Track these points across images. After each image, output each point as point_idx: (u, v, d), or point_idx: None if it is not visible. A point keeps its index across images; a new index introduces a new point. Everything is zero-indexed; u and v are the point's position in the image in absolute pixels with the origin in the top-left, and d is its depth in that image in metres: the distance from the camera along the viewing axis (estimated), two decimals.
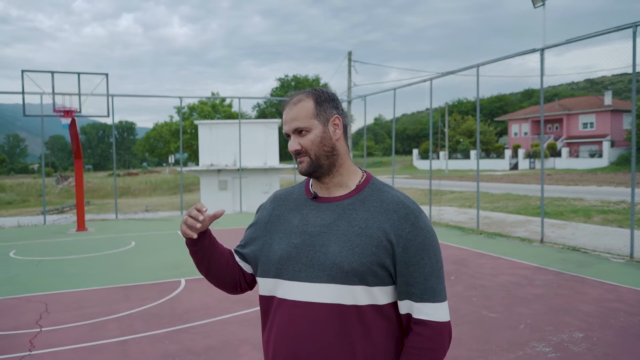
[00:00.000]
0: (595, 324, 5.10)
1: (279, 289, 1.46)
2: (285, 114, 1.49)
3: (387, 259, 1.38)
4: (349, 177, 1.51)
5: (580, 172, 34.71)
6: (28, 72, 12.04)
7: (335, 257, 1.39)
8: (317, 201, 1.51)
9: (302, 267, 1.42)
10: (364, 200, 1.46)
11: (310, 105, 1.46)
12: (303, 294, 1.41)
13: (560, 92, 68.30)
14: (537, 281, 6.93)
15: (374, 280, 1.38)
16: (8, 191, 38.58)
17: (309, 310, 1.40)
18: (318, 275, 1.40)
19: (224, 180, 20.89)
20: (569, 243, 9.85)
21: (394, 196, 1.46)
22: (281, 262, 1.46)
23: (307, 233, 1.45)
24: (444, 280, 1.45)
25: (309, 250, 1.43)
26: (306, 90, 1.52)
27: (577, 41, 9.62)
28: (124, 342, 4.91)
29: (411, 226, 1.40)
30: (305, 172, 1.48)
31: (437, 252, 1.43)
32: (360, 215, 1.43)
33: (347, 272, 1.37)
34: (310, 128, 1.45)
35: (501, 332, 4.94)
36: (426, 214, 1.48)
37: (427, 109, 14.44)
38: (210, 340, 4.90)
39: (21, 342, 4.92)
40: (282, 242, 1.48)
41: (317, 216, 1.47)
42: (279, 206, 1.59)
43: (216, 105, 52.63)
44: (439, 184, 23.59)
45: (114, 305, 6.22)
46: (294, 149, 1.47)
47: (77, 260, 9.37)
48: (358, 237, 1.39)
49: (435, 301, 1.40)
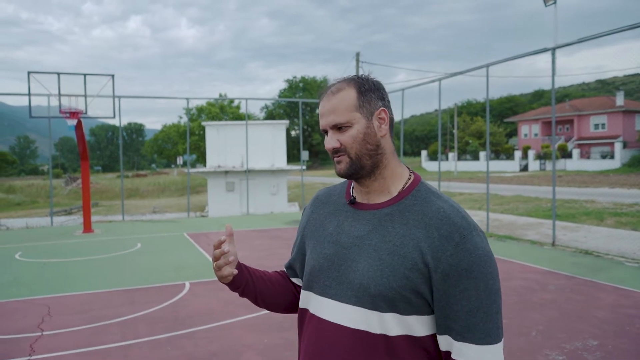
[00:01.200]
0: (610, 331, 4.93)
1: (310, 303, 1.32)
2: (321, 106, 1.28)
3: (422, 285, 1.16)
4: (393, 181, 1.29)
5: (591, 174, 34.35)
6: (34, 73, 12.03)
7: (362, 276, 1.20)
8: (355, 207, 1.31)
9: (332, 282, 1.26)
10: (404, 210, 1.23)
11: (352, 96, 1.24)
12: (331, 313, 1.25)
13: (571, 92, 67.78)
14: (549, 286, 6.76)
15: (408, 308, 1.18)
16: (18, 192, 38.87)
17: (335, 332, 1.24)
18: (346, 295, 1.23)
19: (232, 181, 20.83)
20: (582, 246, 9.65)
21: (439, 208, 1.21)
22: (313, 274, 1.31)
23: (340, 244, 1.27)
24: (498, 318, 1.16)
25: (341, 264, 1.25)
26: (347, 77, 1.30)
27: (588, 41, 9.43)
28: (126, 347, 4.81)
29: (455, 247, 1.15)
30: (344, 173, 1.27)
31: (489, 281, 1.15)
32: (397, 229, 1.21)
33: (374, 295, 1.18)
34: (352, 122, 1.24)
35: (513, 340, 4.78)
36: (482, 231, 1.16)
37: (435, 110, 14.34)
38: (213, 346, 4.79)
39: (21, 347, 4.84)
40: (315, 251, 1.33)
41: (352, 225, 1.28)
42: (318, 208, 1.42)
43: (224, 106, 52.70)
44: (447, 185, 23.38)
45: (117, 308, 6.13)
46: (331, 146, 1.26)
47: (82, 262, 9.31)
48: (390, 256, 1.18)
49: (480, 343, 1.13)
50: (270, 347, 4.73)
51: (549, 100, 10.39)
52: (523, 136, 54.58)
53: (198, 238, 12.01)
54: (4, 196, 36.59)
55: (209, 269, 8.44)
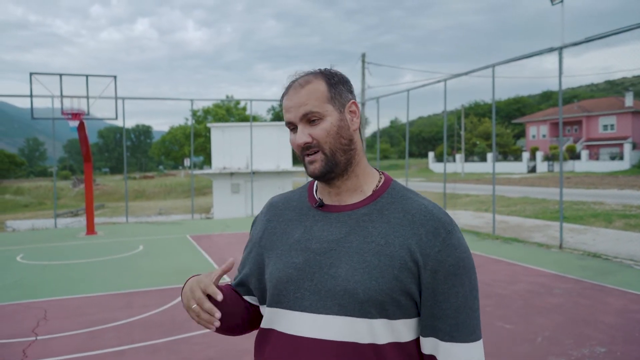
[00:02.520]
0: (618, 337, 4.77)
1: (278, 320, 1.17)
2: (287, 99, 1.17)
3: (412, 285, 1.10)
4: (365, 180, 1.21)
5: (600, 175, 34.02)
6: (37, 74, 12.02)
7: (347, 281, 1.09)
8: (324, 210, 1.20)
9: (305, 293, 1.13)
10: (383, 209, 1.16)
11: (323, 87, 1.15)
12: (307, 328, 1.12)
13: (580, 93, 67.22)
14: (555, 290, 6.60)
15: (396, 312, 1.10)
16: (26, 194, 39.10)
17: (314, 349, 1.10)
18: (326, 305, 1.10)
19: (237, 183, 20.77)
20: (590, 249, 9.46)
21: (420, 204, 1.16)
22: (279, 287, 1.16)
23: (311, 250, 1.15)
24: (479, 314, 1.14)
25: (315, 272, 1.13)
26: (312, 70, 1.20)
27: (596, 40, 9.27)
28: (121, 352, 4.71)
29: (442, 243, 1.11)
30: (320, 173, 1.15)
31: (472, 277, 1.14)
32: (379, 228, 1.13)
33: (363, 301, 1.08)
34: (324, 115, 1.14)
35: (517, 346, 4.64)
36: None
37: (443, 111, 14.16)
38: (210, 351, 4.68)
39: (14, 352, 4.76)
40: (280, 262, 1.18)
41: (324, 229, 1.17)
42: (276, 216, 1.28)
43: (230, 108, 52.73)
44: (453, 187, 23.19)
45: (115, 312, 6.04)
46: (302, 141, 1.14)
47: (82, 264, 9.25)
48: (376, 257, 1.10)
49: (467, 341, 1.10)
50: None
51: (558, 101, 10.26)
52: (531, 137, 54.20)
53: (201, 240, 11.93)
54: (12, 198, 36.81)
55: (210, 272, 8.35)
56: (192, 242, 11.78)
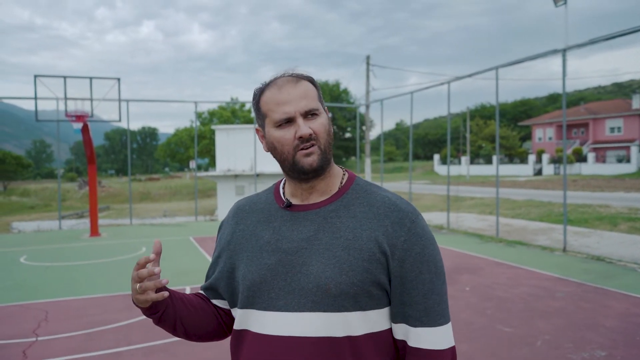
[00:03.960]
0: (619, 341, 4.72)
1: (251, 322, 1.18)
2: (284, 93, 1.16)
3: (382, 275, 1.12)
4: (333, 179, 1.24)
5: (606, 178, 33.79)
6: (41, 77, 12.09)
7: (318, 278, 1.11)
8: (292, 210, 1.22)
9: (279, 292, 1.14)
10: (349, 205, 1.19)
11: (312, 87, 1.19)
12: (283, 326, 1.13)
13: (586, 95, 66.94)
14: (557, 293, 6.55)
15: (369, 302, 1.13)
16: (32, 196, 39.31)
17: (290, 347, 1.12)
18: (299, 303, 1.12)
19: (241, 185, 20.79)
20: (593, 252, 9.40)
21: (383, 197, 1.19)
22: (252, 289, 1.17)
23: (282, 250, 1.17)
24: (447, 298, 1.18)
25: (287, 271, 1.15)
26: (292, 73, 1.21)
27: (601, 42, 9.23)
28: (118, 354, 4.72)
29: (407, 233, 1.14)
30: (317, 166, 1.16)
31: (438, 263, 1.17)
32: (346, 223, 1.16)
33: (335, 295, 1.10)
34: (320, 111, 1.18)
35: (517, 349, 4.60)
36: (423, 216, 1.22)
37: (448, 113, 14.12)
38: (208, 353, 4.68)
39: (14, 352, 4.77)
40: (252, 264, 1.19)
41: (293, 229, 1.18)
42: (243, 219, 1.28)
43: (235, 110, 52.84)
44: (457, 189, 23.10)
45: (114, 314, 6.05)
46: (308, 132, 1.13)
47: (85, 266, 9.28)
48: (345, 252, 1.12)
49: (436, 325, 1.14)
50: None
51: None
52: (537, 140, 53.97)
53: (204, 242, 11.95)
54: (19, 199, 37.02)
55: None
56: (194, 243, 11.80)
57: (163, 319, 1.26)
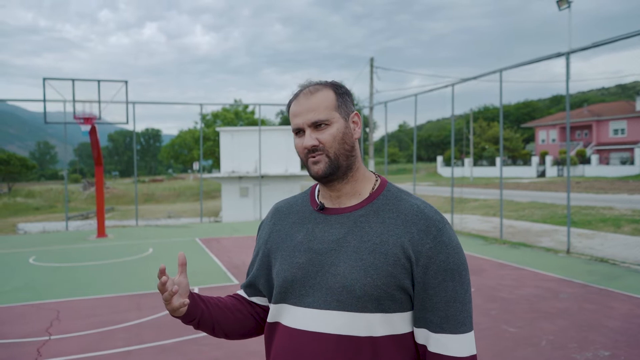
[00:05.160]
0: (623, 342, 4.79)
1: (283, 315, 1.28)
2: (297, 105, 1.26)
3: (406, 280, 1.18)
4: (363, 184, 1.31)
5: (610, 180, 33.76)
6: (50, 79, 12.22)
7: (345, 279, 1.19)
8: (325, 213, 1.30)
9: (308, 290, 1.23)
10: (378, 210, 1.26)
11: (331, 96, 1.26)
12: (309, 322, 1.22)
13: (590, 97, 66.82)
14: (561, 294, 6.62)
15: (392, 305, 1.19)
16: (37, 197, 39.49)
17: (315, 341, 1.20)
18: (326, 301, 1.20)
19: (245, 187, 20.90)
20: (597, 254, 9.45)
21: (412, 205, 1.25)
22: (285, 285, 1.27)
23: (314, 251, 1.25)
24: (470, 307, 1.22)
25: (317, 271, 1.23)
26: (320, 81, 1.31)
27: (605, 45, 9.28)
28: (129, 352, 4.82)
29: (433, 240, 1.19)
30: (323, 173, 1.24)
31: (463, 273, 1.21)
32: (375, 228, 1.22)
33: (360, 297, 1.17)
34: (332, 121, 1.24)
35: (521, 349, 4.68)
36: (450, 224, 1.23)
37: (451, 115, 14.20)
38: (218, 353, 4.77)
39: (29, 351, 4.88)
40: (285, 262, 1.29)
41: (325, 230, 1.27)
42: (281, 220, 1.39)
43: (239, 112, 52.97)
44: (461, 191, 23.15)
45: (125, 313, 6.15)
46: (310, 144, 1.23)
47: (93, 267, 9.39)
48: (372, 255, 1.19)
49: (457, 332, 1.18)
50: None
51: None
52: (540, 142, 53.92)
53: (209, 244, 12.04)
54: (23, 201, 37.19)
55: (219, 275, 8.45)
56: (201, 245, 11.90)
57: (201, 325, 1.37)
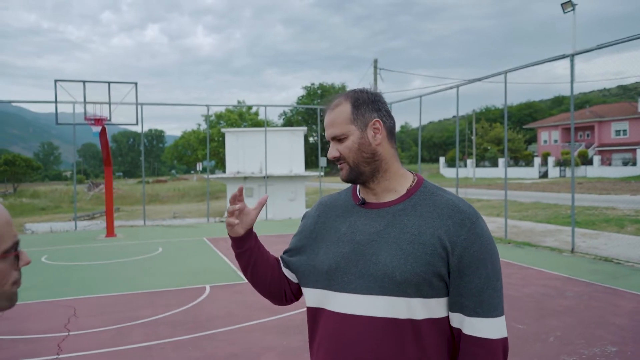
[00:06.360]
0: (629, 338, 4.92)
1: (327, 301, 1.39)
2: (325, 120, 1.44)
3: (442, 268, 1.30)
4: (398, 182, 1.43)
5: (612, 181, 33.80)
6: (61, 81, 12.38)
7: (386, 266, 1.31)
8: (366, 207, 1.43)
9: (352, 277, 1.35)
10: (416, 205, 1.38)
11: (347, 110, 1.39)
12: (353, 306, 1.33)
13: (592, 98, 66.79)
14: (567, 292, 6.74)
15: (430, 291, 1.30)
16: (42, 197, 39.68)
17: (360, 324, 1.32)
18: (369, 287, 1.32)
19: (250, 187, 21.02)
20: (601, 253, 9.57)
21: (448, 200, 1.37)
22: (330, 273, 1.39)
23: (356, 242, 1.37)
24: (501, 293, 1.33)
25: (359, 259, 1.35)
26: (346, 92, 1.45)
27: (608, 47, 9.39)
28: (149, 347, 4.95)
29: (467, 232, 1.31)
30: (346, 179, 1.43)
31: (495, 261, 1.33)
32: (412, 221, 1.34)
33: (400, 282, 1.29)
34: (347, 134, 1.38)
35: (530, 345, 4.81)
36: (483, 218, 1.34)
37: (453, 116, 14.31)
38: (233, 348, 4.90)
39: (49, 346, 5.01)
40: (330, 251, 1.41)
41: (366, 223, 1.39)
42: (325, 213, 1.52)
43: (243, 113, 53.15)
44: (465, 192, 23.26)
45: (139, 310, 6.29)
46: (332, 155, 1.42)
47: (105, 265, 9.53)
48: (411, 245, 1.31)
49: (489, 316, 1.29)
50: (289, 349, 4.83)
51: (569, 106, 10.37)
52: (542, 143, 53.96)
53: (218, 243, 12.18)
54: (29, 201, 37.38)
55: (229, 273, 8.58)
56: (209, 244, 12.04)
57: (242, 256, 1.54)
